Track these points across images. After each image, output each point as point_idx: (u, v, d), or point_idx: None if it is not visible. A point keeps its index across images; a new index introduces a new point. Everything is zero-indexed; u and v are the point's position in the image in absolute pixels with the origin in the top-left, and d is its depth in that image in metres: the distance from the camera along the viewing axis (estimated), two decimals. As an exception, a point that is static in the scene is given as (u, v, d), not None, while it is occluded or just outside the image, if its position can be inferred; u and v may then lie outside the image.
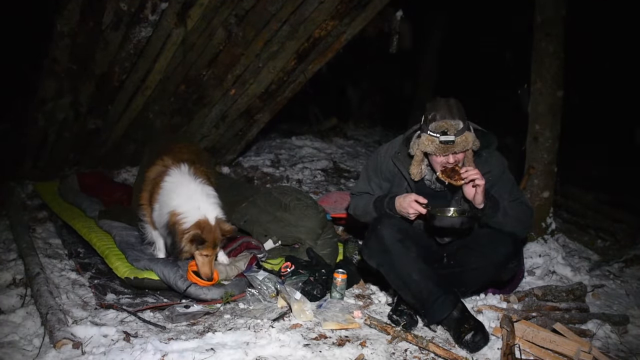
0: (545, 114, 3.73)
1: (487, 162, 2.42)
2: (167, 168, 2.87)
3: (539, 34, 3.72)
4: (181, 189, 2.75)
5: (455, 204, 2.45)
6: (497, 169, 2.44)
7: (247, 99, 4.66)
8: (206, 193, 2.78)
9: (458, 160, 2.32)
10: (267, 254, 3.07)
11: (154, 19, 3.72)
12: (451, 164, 2.31)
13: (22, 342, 2.16)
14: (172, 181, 2.80)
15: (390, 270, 2.40)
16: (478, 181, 2.22)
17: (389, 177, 2.59)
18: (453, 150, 2.26)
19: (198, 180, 2.82)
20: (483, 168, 2.36)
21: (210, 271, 2.64)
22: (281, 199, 3.33)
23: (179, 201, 2.69)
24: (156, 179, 2.87)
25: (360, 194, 2.70)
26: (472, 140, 2.28)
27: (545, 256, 3.46)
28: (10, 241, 3.28)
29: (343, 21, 4.25)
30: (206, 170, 3.03)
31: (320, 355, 2.13)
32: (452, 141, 2.22)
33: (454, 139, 2.22)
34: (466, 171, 2.23)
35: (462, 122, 2.25)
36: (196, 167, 2.93)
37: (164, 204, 2.74)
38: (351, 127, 8.40)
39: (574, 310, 2.68)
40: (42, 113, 4.09)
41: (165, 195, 2.76)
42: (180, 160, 2.91)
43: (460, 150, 2.27)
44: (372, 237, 2.42)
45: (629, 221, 4.90)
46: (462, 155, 2.32)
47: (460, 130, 2.23)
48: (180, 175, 2.82)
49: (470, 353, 2.23)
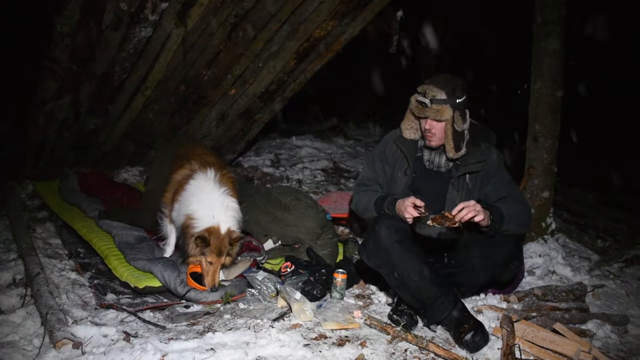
0: (545, 114, 3.73)
1: (484, 153, 2.48)
2: (194, 172, 2.87)
3: (539, 34, 3.72)
4: (202, 195, 2.74)
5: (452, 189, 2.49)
6: (493, 162, 2.50)
7: (247, 99, 4.65)
8: (226, 205, 2.73)
9: (435, 131, 2.40)
10: (267, 256, 3.07)
11: (154, 19, 3.72)
12: (430, 133, 2.42)
13: (22, 342, 2.16)
14: (196, 185, 2.79)
15: (390, 270, 2.40)
16: (477, 217, 2.23)
17: (392, 161, 2.65)
18: (426, 113, 2.37)
19: (222, 189, 2.79)
20: (479, 157, 2.45)
21: (213, 281, 2.58)
22: (281, 199, 3.33)
23: (196, 207, 2.69)
24: (181, 181, 2.87)
25: (362, 184, 2.72)
26: (451, 116, 2.35)
27: (545, 256, 3.46)
28: (10, 241, 3.28)
29: (343, 21, 4.25)
30: (233, 177, 3.02)
31: (320, 355, 2.13)
32: (424, 103, 2.34)
33: (428, 103, 2.33)
34: (458, 212, 2.23)
35: (445, 95, 2.33)
36: (223, 173, 2.91)
37: (183, 205, 2.75)
38: (351, 127, 8.39)
39: (574, 310, 2.68)
40: (42, 113, 4.08)
41: (186, 197, 2.77)
42: (207, 164, 2.91)
43: (433, 117, 2.37)
44: (371, 238, 2.42)
45: (629, 221, 4.89)
46: (439, 126, 2.40)
47: (440, 99, 2.33)
48: (205, 180, 2.81)
49: (470, 353, 2.23)
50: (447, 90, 2.35)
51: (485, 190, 2.51)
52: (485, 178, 2.50)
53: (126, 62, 4.01)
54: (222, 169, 2.95)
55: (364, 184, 2.74)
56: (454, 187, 2.49)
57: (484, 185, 2.51)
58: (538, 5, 3.74)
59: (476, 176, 2.49)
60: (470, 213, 2.21)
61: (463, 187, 2.49)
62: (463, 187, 2.49)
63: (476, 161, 2.46)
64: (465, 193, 2.49)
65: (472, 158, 2.47)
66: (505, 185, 2.50)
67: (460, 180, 2.49)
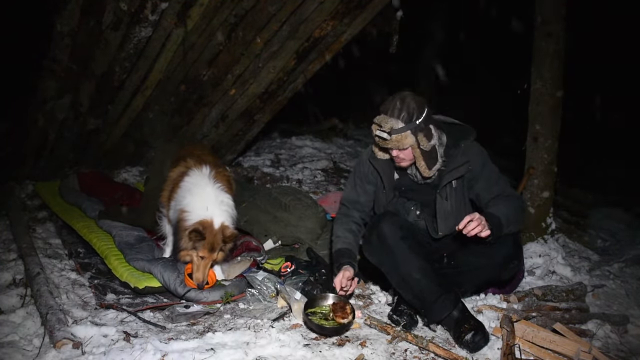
0: (545, 114, 3.73)
1: (465, 153, 2.42)
2: (189, 169, 2.87)
3: (539, 34, 3.72)
4: (196, 190, 2.74)
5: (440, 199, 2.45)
6: (476, 160, 2.42)
7: (247, 99, 4.66)
8: (220, 200, 2.73)
9: (403, 156, 2.36)
10: (267, 256, 3.07)
11: (154, 19, 3.72)
12: (399, 159, 2.38)
13: (22, 342, 2.16)
14: (191, 181, 2.80)
15: (391, 268, 2.40)
16: (483, 233, 2.15)
17: (372, 180, 2.61)
18: (388, 145, 2.32)
19: (217, 185, 2.80)
20: (460, 159, 2.39)
21: (202, 276, 2.56)
22: (281, 199, 3.33)
23: (189, 200, 2.69)
24: (177, 179, 2.88)
25: (344, 205, 2.68)
26: (414, 141, 2.30)
27: (545, 256, 3.46)
28: (10, 241, 3.28)
29: (343, 21, 4.25)
30: (229, 176, 3.02)
31: (320, 355, 2.13)
32: (384, 138, 2.29)
33: (387, 136, 2.28)
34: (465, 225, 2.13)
35: (402, 122, 2.26)
36: (218, 171, 2.91)
37: (178, 202, 2.76)
38: (351, 127, 8.39)
39: (574, 310, 2.68)
40: (42, 113, 4.08)
41: (180, 194, 2.77)
42: (203, 162, 2.91)
43: (395, 147, 2.32)
44: (374, 234, 2.41)
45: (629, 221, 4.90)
46: (406, 152, 2.35)
47: (398, 129, 2.26)
48: (200, 176, 2.82)
49: (470, 353, 2.23)
50: (402, 116, 2.26)
51: (475, 190, 2.46)
52: (472, 178, 2.44)
53: (126, 62, 4.01)
54: (217, 167, 2.95)
55: (345, 205, 2.68)
56: (442, 197, 2.44)
57: (472, 184, 2.45)
58: (538, 5, 3.74)
59: (462, 178, 2.44)
60: (478, 227, 2.12)
61: (451, 194, 2.44)
62: (451, 194, 2.44)
63: (459, 164, 2.39)
64: (455, 199, 2.45)
65: (455, 162, 2.40)
66: (495, 182, 2.43)
67: (448, 188, 2.43)
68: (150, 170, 4.06)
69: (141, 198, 3.63)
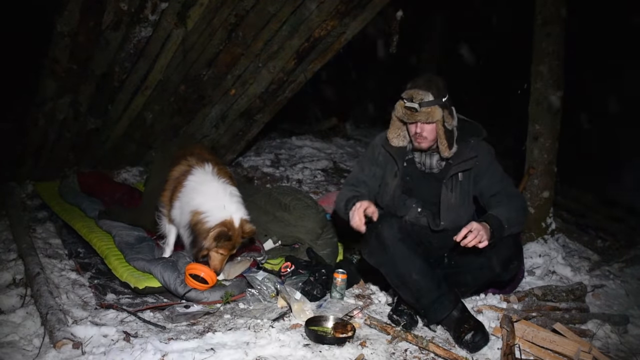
0: (546, 114, 3.73)
1: (474, 148, 2.47)
2: (191, 167, 2.84)
3: (539, 34, 3.72)
4: (204, 188, 2.72)
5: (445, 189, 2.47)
6: (484, 157, 2.48)
7: (247, 99, 4.65)
8: (229, 192, 2.73)
9: (426, 134, 2.39)
10: (267, 256, 3.07)
11: (154, 19, 3.72)
12: (421, 137, 2.40)
13: (22, 342, 2.15)
14: (196, 180, 2.77)
15: (391, 269, 2.40)
16: (481, 245, 2.17)
17: (383, 164, 2.64)
18: (417, 118, 2.35)
19: (222, 180, 2.79)
20: (470, 153, 2.44)
21: (220, 266, 2.63)
22: (281, 199, 3.33)
23: (201, 199, 2.66)
24: (179, 178, 2.85)
25: (350, 184, 2.70)
26: (442, 116, 2.35)
27: (545, 256, 3.46)
28: (10, 241, 3.28)
29: (343, 21, 4.25)
30: (230, 172, 3.01)
31: (320, 355, 2.13)
32: (414, 108, 2.32)
33: (417, 107, 2.31)
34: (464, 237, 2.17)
35: (432, 96, 2.32)
36: (220, 167, 2.90)
37: (185, 203, 2.71)
38: (351, 127, 8.39)
39: (574, 310, 2.69)
40: (42, 113, 4.08)
41: (187, 194, 2.74)
42: (204, 160, 2.89)
43: (424, 120, 2.35)
44: (373, 235, 2.41)
45: (629, 221, 4.90)
46: (430, 128, 2.38)
47: (428, 102, 2.32)
48: (204, 174, 2.80)
49: (470, 353, 2.23)
50: (432, 91, 2.34)
51: (479, 186, 2.50)
52: (478, 174, 2.48)
53: (126, 62, 4.01)
54: (219, 164, 2.94)
55: (352, 183, 2.70)
56: (447, 188, 2.48)
57: (477, 181, 2.50)
58: (538, 5, 3.74)
59: (469, 173, 2.48)
60: (475, 240, 2.15)
61: (456, 186, 2.48)
62: (456, 186, 2.48)
63: (467, 158, 2.44)
64: (459, 192, 2.48)
65: (463, 155, 2.45)
66: (499, 180, 2.48)
67: (453, 180, 2.47)
68: (150, 170, 4.06)
69: (141, 198, 3.63)
